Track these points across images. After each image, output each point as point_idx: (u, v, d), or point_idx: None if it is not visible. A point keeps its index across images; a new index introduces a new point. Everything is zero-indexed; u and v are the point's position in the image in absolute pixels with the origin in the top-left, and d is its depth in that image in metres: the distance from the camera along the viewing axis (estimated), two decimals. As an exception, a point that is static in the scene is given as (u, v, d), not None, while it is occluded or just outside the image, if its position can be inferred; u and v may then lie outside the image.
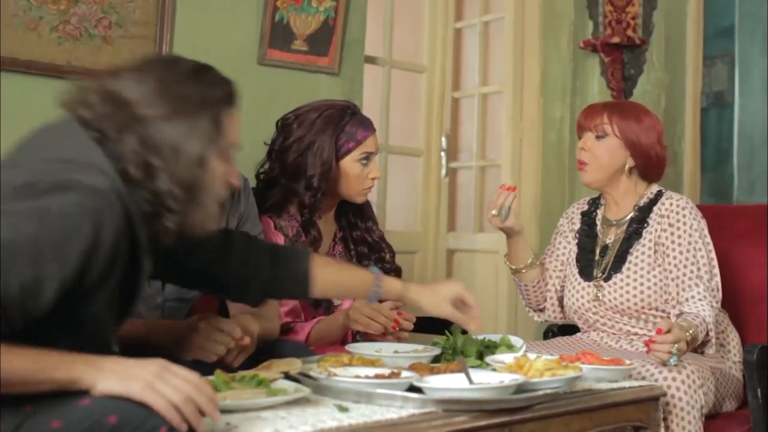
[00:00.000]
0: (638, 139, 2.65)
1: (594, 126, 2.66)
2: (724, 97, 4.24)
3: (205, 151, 1.58)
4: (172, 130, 1.55)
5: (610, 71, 4.01)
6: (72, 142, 1.53)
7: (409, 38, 4.53)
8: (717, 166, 4.24)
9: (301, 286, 2.00)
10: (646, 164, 2.68)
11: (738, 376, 2.65)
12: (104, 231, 1.44)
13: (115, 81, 1.57)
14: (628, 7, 3.96)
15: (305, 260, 2.01)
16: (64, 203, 1.41)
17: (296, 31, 3.33)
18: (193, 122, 1.57)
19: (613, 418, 2.08)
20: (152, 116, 1.54)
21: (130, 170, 1.52)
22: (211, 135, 1.58)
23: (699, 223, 2.62)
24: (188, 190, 1.56)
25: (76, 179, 1.44)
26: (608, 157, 2.66)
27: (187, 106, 1.57)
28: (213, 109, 1.60)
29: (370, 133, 2.65)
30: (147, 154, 1.53)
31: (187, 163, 1.56)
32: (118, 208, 1.47)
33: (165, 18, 3.00)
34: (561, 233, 2.86)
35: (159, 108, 1.55)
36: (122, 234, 1.48)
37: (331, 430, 1.60)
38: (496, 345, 2.24)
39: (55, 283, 1.39)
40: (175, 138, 1.55)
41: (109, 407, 1.38)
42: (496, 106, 4.39)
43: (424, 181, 4.40)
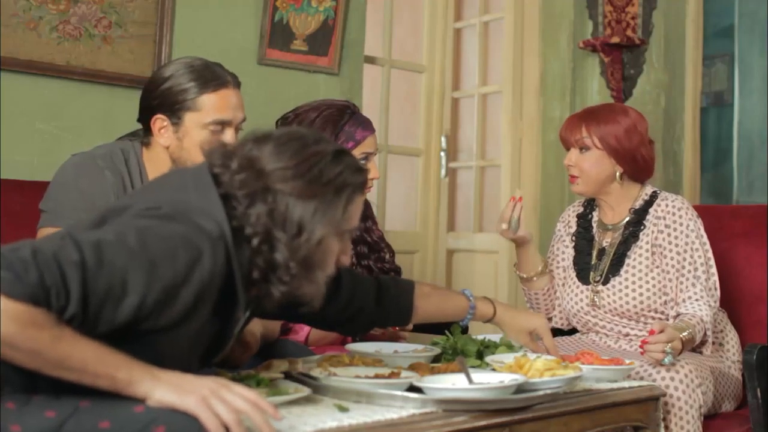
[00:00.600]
0: (620, 146, 2.63)
1: (575, 140, 2.66)
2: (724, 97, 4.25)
3: (328, 233, 1.61)
4: (303, 208, 1.58)
5: (609, 71, 4.01)
6: (199, 191, 1.58)
7: (408, 38, 4.53)
8: (716, 165, 4.24)
9: (404, 317, 2.09)
10: (634, 168, 2.67)
11: (737, 375, 2.65)
12: (198, 269, 1.48)
13: (258, 149, 1.61)
14: (628, 7, 3.97)
15: (410, 294, 2.08)
16: (172, 231, 1.48)
17: (296, 31, 3.34)
18: (324, 206, 1.60)
19: (613, 418, 2.08)
20: (286, 192, 1.58)
21: (251, 236, 1.56)
22: (339, 220, 1.62)
23: (695, 223, 2.62)
24: (304, 266, 1.60)
25: (189, 217, 1.51)
26: (595, 169, 2.65)
27: (323, 188, 1.60)
28: (346, 196, 1.63)
29: (369, 133, 2.64)
30: (272, 226, 1.57)
31: (309, 242, 1.59)
32: (220, 255, 1.51)
33: (164, 18, 3.00)
34: (559, 239, 2.85)
35: (295, 185, 1.58)
36: (216, 277, 1.52)
37: (332, 430, 1.60)
38: (496, 345, 2.24)
39: (138, 297, 1.43)
40: (303, 217, 1.58)
41: (159, 418, 1.39)
42: (495, 106, 4.40)
43: (424, 180, 4.40)
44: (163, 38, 3.00)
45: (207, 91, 2.18)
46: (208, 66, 2.23)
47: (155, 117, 2.21)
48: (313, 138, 1.66)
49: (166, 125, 2.21)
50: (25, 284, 1.33)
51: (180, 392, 1.42)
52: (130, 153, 2.25)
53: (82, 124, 2.91)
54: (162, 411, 1.40)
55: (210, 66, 2.24)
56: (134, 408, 1.41)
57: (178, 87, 2.18)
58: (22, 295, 1.32)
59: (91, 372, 1.40)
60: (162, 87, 2.20)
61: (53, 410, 1.42)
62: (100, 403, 1.42)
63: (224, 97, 2.20)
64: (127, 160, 2.24)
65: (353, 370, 1.91)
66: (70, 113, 2.90)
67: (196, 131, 2.18)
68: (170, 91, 2.19)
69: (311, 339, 2.54)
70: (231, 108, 2.21)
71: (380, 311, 2.04)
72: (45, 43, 2.80)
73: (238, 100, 2.23)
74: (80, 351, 1.38)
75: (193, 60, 2.25)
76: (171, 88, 2.19)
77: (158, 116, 2.21)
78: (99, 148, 2.26)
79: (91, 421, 1.41)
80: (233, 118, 2.21)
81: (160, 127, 2.21)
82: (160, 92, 2.20)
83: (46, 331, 1.34)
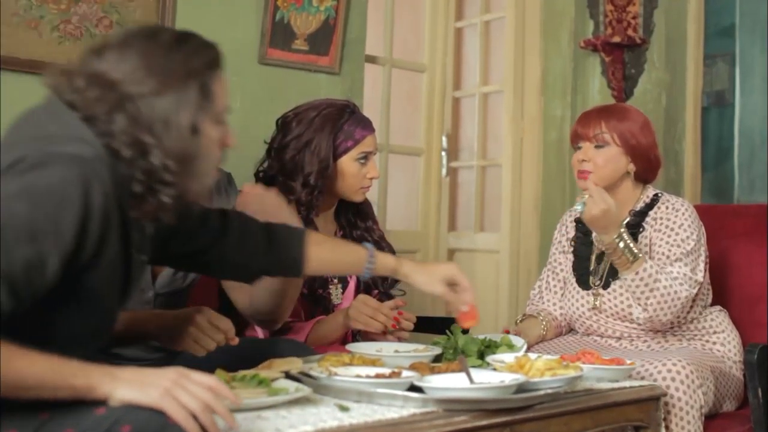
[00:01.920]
0: (638, 143, 2.63)
1: (594, 136, 2.63)
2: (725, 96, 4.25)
3: (196, 119, 1.57)
4: (162, 104, 1.54)
5: (610, 70, 4.01)
6: (58, 121, 1.53)
7: (409, 37, 4.53)
8: (717, 165, 4.24)
9: (296, 265, 2.01)
10: (646, 167, 2.67)
11: (738, 375, 2.65)
12: (93, 197, 1.44)
13: (100, 61, 1.56)
14: (629, 6, 3.97)
15: (300, 240, 2.01)
16: (51, 177, 1.42)
17: (297, 30, 3.33)
18: (181, 93, 1.56)
19: (614, 418, 2.08)
20: (141, 93, 1.53)
21: (121, 149, 1.52)
22: (200, 103, 1.57)
23: (694, 225, 2.60)
24: (183, 161, 1.55)
25: (59, 152, 1.45)
26: (611, 166, 2.63)
27: (174, 78, 1.55)
28: (200, 77, 1.58)
29: (368, 133, 2.64)
30: (138, 132, 1.52)
31: (180, 135, 1.55)
32: (104, 175, 1.47)
33: (165, 17, 3.00)
34: (557, 247, 2.84)
35: (146, 84, 1.54)
36: (111, 199, 1.48)
37: (332, 429, 1.60)
38: (496, 344, 2.24)
39: (56, 256, 1.40)
40: (165, 112, 1.54)
41: (123, 417, 1.38)
42: (496, 105, 4.39)
43: (425, 180, 4.40)
44: (164, 38, 3.01)
45: None
46: None
47: None
48: (152, 31, 1.62)
49: None
50: None
51: (141, 387, 1.39)
52: None
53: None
54: (125, 409, 1.38)
55: None
56: (95, 411, 1.39)
57: None
58: None
59: (49, 386, 1.37)
60: None
61: (14, 429, 1.40)
62: (61, 411, 1.40)
63: None
64: None
65: (354, 370, 1.91)
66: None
67: None
68: None
69: (311, 338, 2.54)
70: None
71: (271, 257, 1.99)
72: (46, 42, 2.80)
73: None
74: (33, 367, 1.36)
75: None
76: None
77: None
78: None
79: (56, 431, 1.39)
80: None
81: None
82: None
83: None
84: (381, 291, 2.71)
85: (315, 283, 2.63)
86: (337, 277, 2.67)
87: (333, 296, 2.67)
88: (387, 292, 2.72)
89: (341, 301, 2.68)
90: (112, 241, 1.51)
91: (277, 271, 2.08)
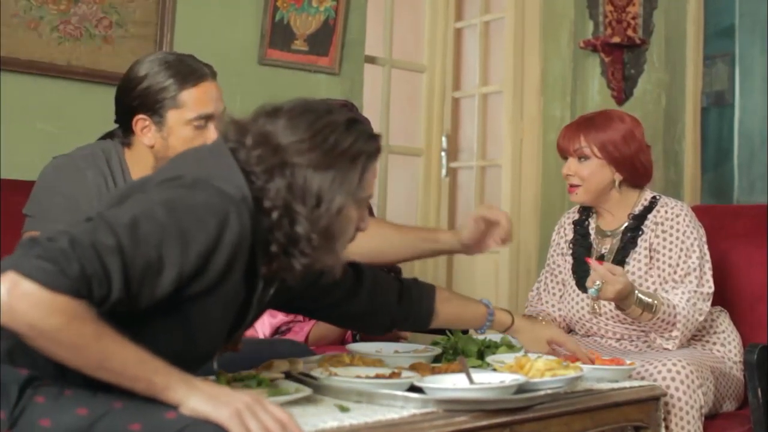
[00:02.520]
0: (620, 154, 2.62)
1: (574, 150, 2.65)
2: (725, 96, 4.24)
3: (347, 202, 1.62)
4: (321, 180, 1.59)
5: (610, 71, 4.01)
6: (219, 162, 1.60)
7: (409, 38, 4.53)
8: (717, 165, 4.24)
9: (424, 321, 2.10)
10: (633, 174, 2.67)
11: (738, 376, 2.65)
12: (227, 232, 1.50)
13: (272, 123, 1.62)
14: (629, 7, 3.97)
15: (431, 298, 2.08)
16: (196, 198, 1.50)
17: (296, 30, 3.34)
18: (341, 175, 1.61)
19: (614, 418, 2.08)
20: (301, 164, 1.58)
21: (272, 210, 1.57)
22: (355, 188, 1.63)
23: (696, 231, 2.60)
24: (325, 237, 1.61)
25: (212, 183, 1.53)
26: (596, 178, 2.64)
27: (339, 158, 1.61)
28: (361, 163, 1.64)
29: None
30: (291, 200, 1.58)
31: (329, 213, 1.60)
32: (245, 216, 1.52)
33: (165, 18, 3.01)
34: (555, 249, 2.84)
35: (309, 157, 1.59)
36: (245, 243, 1.54)
37: (332, 430, 1.60)
38: (496, 345, 2.24)
39: (175, 268, 1.45)
40: (322, 188, 1.59)
41: (189, 426, 1.39)
42: (496, 105, 4.39)
43: (425, 180, 4.40)
44: (164, 38, 3.01)
45: (187, 87, 2.15)
46: (183, 60, 2.20)
47: (137, 117, 2.17)
48: (324, 109, 1.67)
49: (148, 125, 2.17)
50: (68, 276, 1.33)
51: (215, 403, 1.42)
52: (111, 153, 2.22)
53: (83, 124, 2.91)
54: (193, 420, 1.40)
55: (184, 60, 2.20)
56: (166, 414, 1.41)
57: (157, 85, 2.15)
58: (66, 287, 1.33)
59: (130, 374, 1.41)
60: (140, 87, 2.16)
61: (85, 408, 1.42)
62: (133, 405, 1.42)
63: (205, 90, 2.17)
64: (109, 160, 2.21)
65: (354, 370, 1.91)
66: (70, 113, 2.90)
67: (180, 128, 2.15)
68: (149, 90, 2.15)
69: (311, 338, 2.54)
70: (212, 100, 2.18)
71: (401, 311, 2.05)
72: (46, 43, 2.80)
73: (217, 91, 2.21)
74: (121, 351, 1.40)
75: (165, 55, 2.22)
76: (150, 87, 2.15)
77: (139, 116, 2.17)
78: (80, 149, 2.24)
79: (123, 422, 1.41)
80: (215, 111, 2.18)
81: (143, 127, 2.17)
82: (139, 92, 2.16)
83: (89, 326, 1.36)
84: None
85: None
86: None
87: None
88: None
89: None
90: (233, 281, 1.56)
91: (406, 326, 2.16)
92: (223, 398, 1.43)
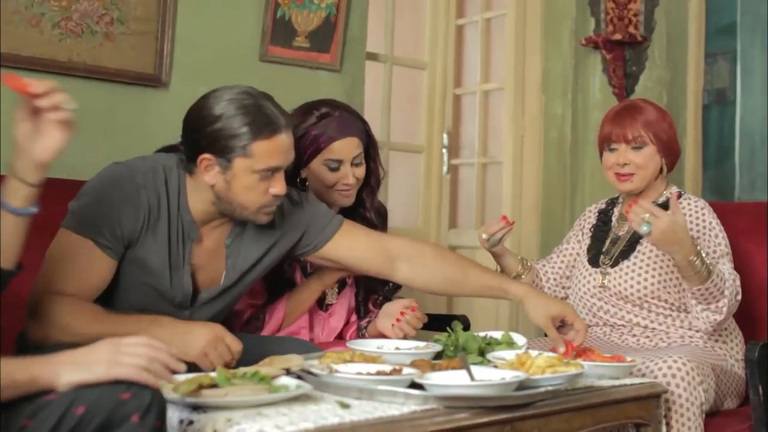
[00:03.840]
0: (668, 138, 2.70)
1: (633, 137, 2.66)
2: (726, 94, 4.25)
3: None
4: None
5: (611, 68, 4.01)
6: None
7: (410, 35, 4.52)
8: (718, 163, 4.24)
9: None
10: (673, 159, 2.74)
11: (740, 373, 2.65)
12: None
13: None
14: (630, 4, 3.96)
15: None
16: None
17: (298, 27, 3.33)
18: None
19: (614, 415, 2.08)
20: None
21: None
22: None
23: (719, 225, 2.65)
24: None
25: None
26: (651, 165, 2.69)
27: None
28: None
29: (338, 139, 2.57)
30: None
31: None
32: None
33: (166, 14, 3.00)
34: (575, 232, 2.90)
35: None
36: None
37: (333, 426, 1.60)
38: (497, 342, 2.24)
39: None
40: None
41: (76, 398, 1.40)
42: (497, 103, 4.39)
43: (426, 177, 4.40)
44: (165, 35, 3.00)
45: (260, 138, 2.06)
46: (261, 108, 2.09)
47: (202, 156, 2.08)
48: None
49: (213, 164, 2.09)
50: None
51: (86, 366, 1.44)
52: (172, 173, 2.16)
53: (84, 121, 2.88)
54: (75, 391, 1.41)
55: (263, 108, 2.10)
56: (46, 398, 1.41)
57: (231, 131, 2.05)
58: None
59: None
60: (212, 128, 2.07)
61: None
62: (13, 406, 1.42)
63: (278, 144, 2.09)
64: (168, 180, 2.15)
65: (354, 367, 1.91)
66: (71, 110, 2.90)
67: (245, 176, 2.08)
68: (221, 134, 2.06)
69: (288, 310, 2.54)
70: (283, 154, 2.11)
71: None
72: (47, 39, 2.80)
73: (289, 143, 2.13)
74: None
75: (244, 97, 2.11)
76: (221, 131, 2.06)
77: (205, 156, 2.08)
78: (141, 160, 2.18)
79: (13, 426, 1.41)
80: (284, 163, 2.12)
81: (207, 166, 2.09)
82: (210, 132, 2.07)
83: None
84: (382, 296, 2.71)
85: None
86: None
87: (328, 296, 2.66)
88: (388, 296, 2.72)
89: (335, 300, 2.67)
90: None
91: None
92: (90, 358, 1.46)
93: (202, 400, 1.65)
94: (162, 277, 2.15)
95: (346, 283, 2.69)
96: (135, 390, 1.43)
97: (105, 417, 1.40)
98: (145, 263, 2.13)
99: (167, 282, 2.16)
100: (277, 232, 2.30)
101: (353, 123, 2.63)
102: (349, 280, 2.70)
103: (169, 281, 2.16)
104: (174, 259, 2.16)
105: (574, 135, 4.09)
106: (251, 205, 2.13)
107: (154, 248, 2.12)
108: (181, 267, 2.17)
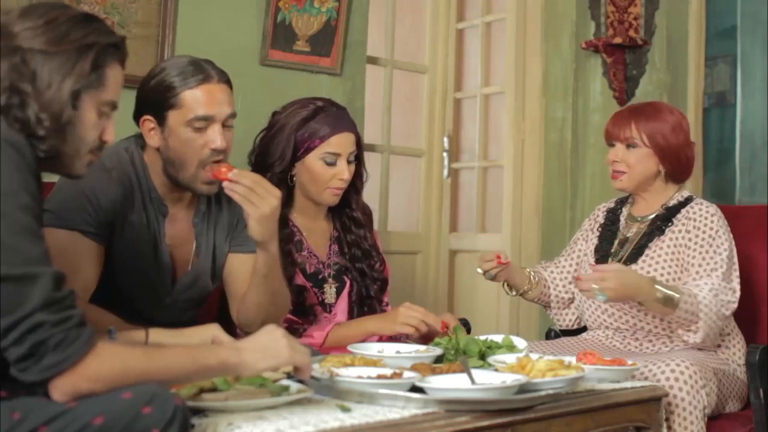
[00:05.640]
0: (667, 144, 2.66)
1: (624, 137, 2.67)
2: (726, 97, 4.25)
3: (79, 90, 1.61)
4: (51, 64, 1.59)
5: (611, 72, 4.01)
6: None
7: (410, 39, 4.53)
8: (719, 166, 4.24)
9: None
10: (676, 167, 2.71)
11: (742, 377, 2.65)
12: None
13: (8, 15, 1.62)
14: (630, 7, 3.97)
15: None
16: None
17: (298, 31, 3.34)
18: (72, 62, 1.60)
19: (615, 419, 2.08)
20: (32, 48, 1.58)
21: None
22: (88, 79, 1.62)
23: (727, 233, 2.63)
24: (56, 120, 1.59)
25: None
26: (641, 167, 2.69)
27: (69, 44, 1.61)
28: (95, 54, 1.63)
29: (337, 132, 2.59)
30: (19, 81, 1.56)
31: (59, 97, 1.59)
32: None
33: (167, 19, 3.01)
34: (582, 233, 2.89)
35: (41, 41, 1.59)
36: None
37: (334, 430, 1.60)
38: (498, 345, 2.24)
39: None
40: (51, 72, 1.58)
41: (95, 409, 1.40)
42: (497, 106, 4.39)
43: (426, 181, 4.40)
44: (166, 39, 3.00)
45: (188, 87, 2.11)
46: (195, 62, 2.16)
47: (143, 118, 2.16)
48: (63, 4, 1.70)
49: (153, 126, 2.15)
50: None
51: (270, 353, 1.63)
52: (133, 153, 2.21)
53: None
54: (96, 402, 1.41)
55: (196, 62, 2.16)
56: (66, 406, 1.41)
57: (162, 85, 2.13)
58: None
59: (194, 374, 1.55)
60: (148, 86, 2.16)
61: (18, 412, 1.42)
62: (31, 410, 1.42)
63: (207, 92, 2.12)
64: (133, 160, 2.20)
65: (355, 371, 1.91)
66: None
67: (179, 129, 2.12)
68: (156, 89, 2.13)
69: (329, 341, 2.53)
70: (214, 103, 2.13)
71: None
72: (47, 43, 2.81)
73: (223, 95, 2.15)
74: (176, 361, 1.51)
75: (182, 57, 2.20)
76: (155, 87, 2.13)
77: (146, 117, 2.15)
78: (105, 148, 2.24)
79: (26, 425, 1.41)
80: (216, 114, 2.13)
81: (149, 128, 2.16)
82: (147, 91, 2.15)
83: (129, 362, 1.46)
84: (373, 297, 2.71)
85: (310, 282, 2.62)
86: (332, 276, 2.66)
87: (327, 295, 2.66)
88: (379, 298, 2.72)
89: (335, 301, 2.67)
90: None
91: None
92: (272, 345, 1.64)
93: (203, 404, 1.65)
94: (145, 257, 2.18)
95: (345, 283, 2.69)
96: (157, 403, 1.43)
97: (122, 429, 1.40)
98: (129, 245, 2.15)
99: (151, 262, 2.19)
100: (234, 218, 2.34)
101: (349, 120, 2.67)
102: (347, 279, 2.69)
103: (152, 261, 2.19)
104: (154, 236, 2.19)
105: (575, 138, 4.09)
106: (189, 162, 2.13)
107: (134, 228, 2.16)
108: (159, 244, 2.20)
